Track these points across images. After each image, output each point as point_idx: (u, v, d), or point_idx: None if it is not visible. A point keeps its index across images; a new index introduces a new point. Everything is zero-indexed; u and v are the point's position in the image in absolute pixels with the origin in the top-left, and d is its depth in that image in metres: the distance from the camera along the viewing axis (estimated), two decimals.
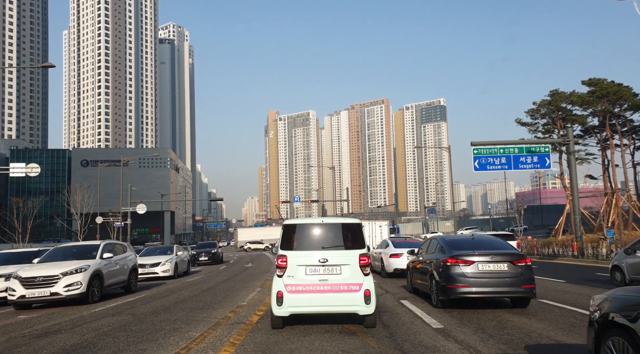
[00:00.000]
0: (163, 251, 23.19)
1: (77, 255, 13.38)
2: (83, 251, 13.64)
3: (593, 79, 36.63)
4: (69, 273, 12.02)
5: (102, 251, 13.48)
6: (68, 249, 14.17)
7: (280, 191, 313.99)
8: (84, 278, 12.15)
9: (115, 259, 14.04)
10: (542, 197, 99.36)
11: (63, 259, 13.09)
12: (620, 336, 3.67)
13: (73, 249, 14.07)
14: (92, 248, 13.69)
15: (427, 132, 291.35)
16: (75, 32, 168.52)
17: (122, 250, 15.04)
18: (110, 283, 13.64)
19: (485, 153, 24.48)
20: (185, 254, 24.24)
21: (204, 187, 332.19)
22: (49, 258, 13.32)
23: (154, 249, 24.13)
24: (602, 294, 4.30)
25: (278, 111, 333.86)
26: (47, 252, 13.99)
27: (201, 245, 37.82)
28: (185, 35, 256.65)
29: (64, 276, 11.93)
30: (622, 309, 3.72)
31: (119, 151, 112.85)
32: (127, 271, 14.87)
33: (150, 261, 20.94)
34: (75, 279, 12.00)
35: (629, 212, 36.24)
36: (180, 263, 22.42)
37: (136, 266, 16.05)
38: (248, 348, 6.29)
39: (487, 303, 9.80)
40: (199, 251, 33.81)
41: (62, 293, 11.81)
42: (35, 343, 7.25)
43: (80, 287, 12.02)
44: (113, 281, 13.89)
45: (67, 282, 11.90)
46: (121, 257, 14.60)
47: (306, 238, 7.40)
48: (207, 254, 33.23)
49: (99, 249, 13.50)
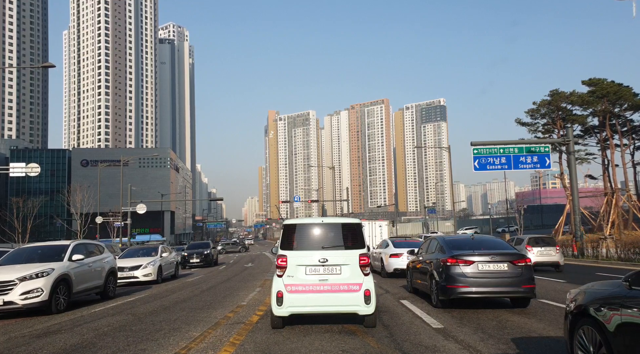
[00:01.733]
0: (146, 252, 20.97)
1: (43, 257, 11.65)
2: (49, 253, 11.90)
3: (593, 79, 36.62)
4: (27, 277, 10.30)
5: (71, 252, 11.83)
6: (33, 250, 12.38)
7: (280, 191, 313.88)
8: (46, 283, 10.40)
9: (88, 262, 12.39)
10: (542, 197, 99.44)
11: (25, 261, 11.40)
12: (590, 325, 4.07)
13: (38, 250, 12.30)
14: (60, 249, 11.96)
15: (427, 132, 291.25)
16: (75, 32, 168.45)
17: (97, 251, 13.48)
18: (81, 289, 11.91)
19: (485, 153, 24.47)
20: (172, 256, 22.02)
21: (204, 187, 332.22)
22: (8, 261, 11.61)
23: (137, 250, 21.91)
24: (577, 288, 4.65)
25: (278, 111, 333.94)
26: (6, 254, 12.27)
27: (193, 245, 34.37)
28: (185, 35, 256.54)
29: (21, 281, 10.20)
30: (592, 302, 4.10)
31: (119, 151, 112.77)
32: (104, 275, 13.24)
33: (129, 263, 18.73)
34: (35, 285, 10.25)
35: (629, 212, 36.25)
36: (165, 266, 20.23)
37: (115, 269, 14.37)
38: (248, 348, 6.29)
39: (487, 303, 9.80)
40: (190, 252, 30.82)
41: (18, 301, 10.07)
42: (35, 343, 7.25)
43: (40, 294, 10.26)
44: (85, 287, 12.16)
45: (25, 288, 10.16)
46: (95, 259, 12.97)
47: (306, 238, 7.40)
48: (199, 255, 30.23)
49: (67, 250, 11.84)
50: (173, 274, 21.61)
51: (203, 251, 30.81)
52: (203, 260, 30.13)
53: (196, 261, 30.00)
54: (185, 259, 29.78)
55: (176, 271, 22.18)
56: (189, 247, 33.54)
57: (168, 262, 20.98)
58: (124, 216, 47.68)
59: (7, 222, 50.15)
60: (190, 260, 30.05)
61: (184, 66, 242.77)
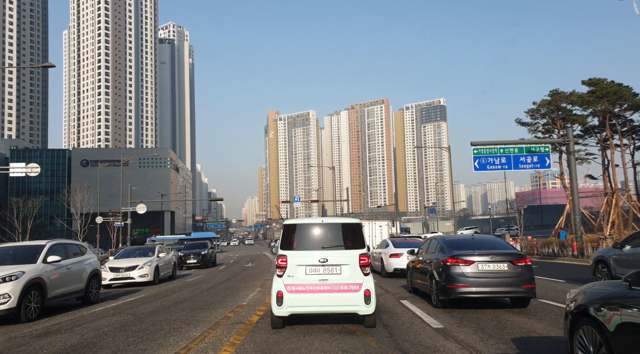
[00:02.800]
0: (143, 252, 20.55)
1: (15, 259, 10.61)
2: (22, 254, 10.87)
3: (593, 79, 36.61)
4: None
5: (46, 253, 10.75)
6: (4, 251, 11.27)
7: (280, 191, 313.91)
8: (15, 288, 9.33)
9: (66, 264, 11.29)
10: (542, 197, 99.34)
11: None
12: (590, 325, 4.07)
13: (10, 251, 11.27)
14: (34, 250, 10.88)
15: (427, 132, 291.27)
16: (75, 32, 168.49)
17: (79, 252, 12.48)
18: (57, 294, 10.82)
19: (485, 153, 24.46)
20: (169, 257, 21.66)
21: (204, 187, 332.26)
22: None
23: (133, 250, 21.59)
24: (577, 288, 4.64)
25: (278, 111, 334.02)
26: None
27: (190, 245, 32.99)
28: (185, 35, 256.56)
29: None
30: (592, 302, 4.11)
31: (119, 151, 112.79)
32: (85, 278, 12.16)
33: (125, 264, 18.42)
34: (2, 291, 9.20)
35: (629, 212, 36.23)
36: (163, 266, 19.99)
37: (98, 271, 13.23)
38: (248, 348, 6.29)
39: (487, 303, 9.80)
40: (186, 253, 29.67)
41: None
42: (35, 343, 7.25)
43: (8, 300, 9.19)
44: (62, 292, 11.07)
45: None
46: (75, 260, 11.87)
47: (306, 238, 7.40)
48: (197, 256, 29.20)
49: (42, 251, 10.76)
50: (171, 275, 21.18)
51: (200, 251, 29.71)
52: (200, 260, 29.17)
53: (193, 262, 29.04)
54: (181, 260, 28.59)
55: (174, 271, 21.75)
56: (185, 248, 32.37)
57: (166, 263, 20.64)
58: (124, 216, 47.69)
59: (7, 222, 50.18)
60: (187, 261, 29.02)
61: (184, 66, 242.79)
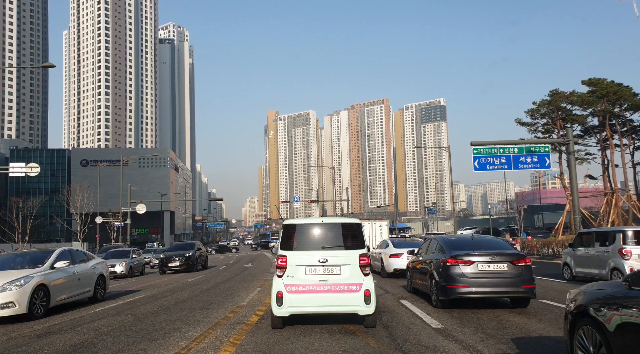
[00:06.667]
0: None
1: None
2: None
3: (593, 79, 36.60)
4: None
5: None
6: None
7: (280, 191, 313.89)
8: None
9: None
10: (542, 197, 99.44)
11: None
12: (590, 325, 4.10)
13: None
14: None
15: (427, 132, 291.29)
16: (75, 33, 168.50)
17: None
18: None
19: (485, 153, 24.45)
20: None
21: (204, 187, 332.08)
22: None
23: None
24: (577, 288, 4.68)
25: (278, 111, 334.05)
26: None
27: (175, 247, 30.31)
28: (185, 35, 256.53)
29: None
30: (592, 302, 4.13)
31: (119, 151, 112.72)
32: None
33: None
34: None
35: (629, 212, 36.23)
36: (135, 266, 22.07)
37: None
38: (248, 348, 6.29)
39: (487, 303, 9.81)
40: (169, 255, 26.39)
41: None
42: (35, 343, 7.25)
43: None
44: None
45: None
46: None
47: (306, 238, 7.40)
48: (181, 258, 25.79)
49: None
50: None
51: (185, 253, 26.35)
52: (184, 263, 25.74)
53: (176, 265, 25.74)
54: (163, 262, 26.00)
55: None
56: (170, 249, 29.94)
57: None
58: (123, 216, 47.71)
59: (7, 222, 50.12)
60: (168, 263, 25.75)
61: (184, 66, 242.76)
